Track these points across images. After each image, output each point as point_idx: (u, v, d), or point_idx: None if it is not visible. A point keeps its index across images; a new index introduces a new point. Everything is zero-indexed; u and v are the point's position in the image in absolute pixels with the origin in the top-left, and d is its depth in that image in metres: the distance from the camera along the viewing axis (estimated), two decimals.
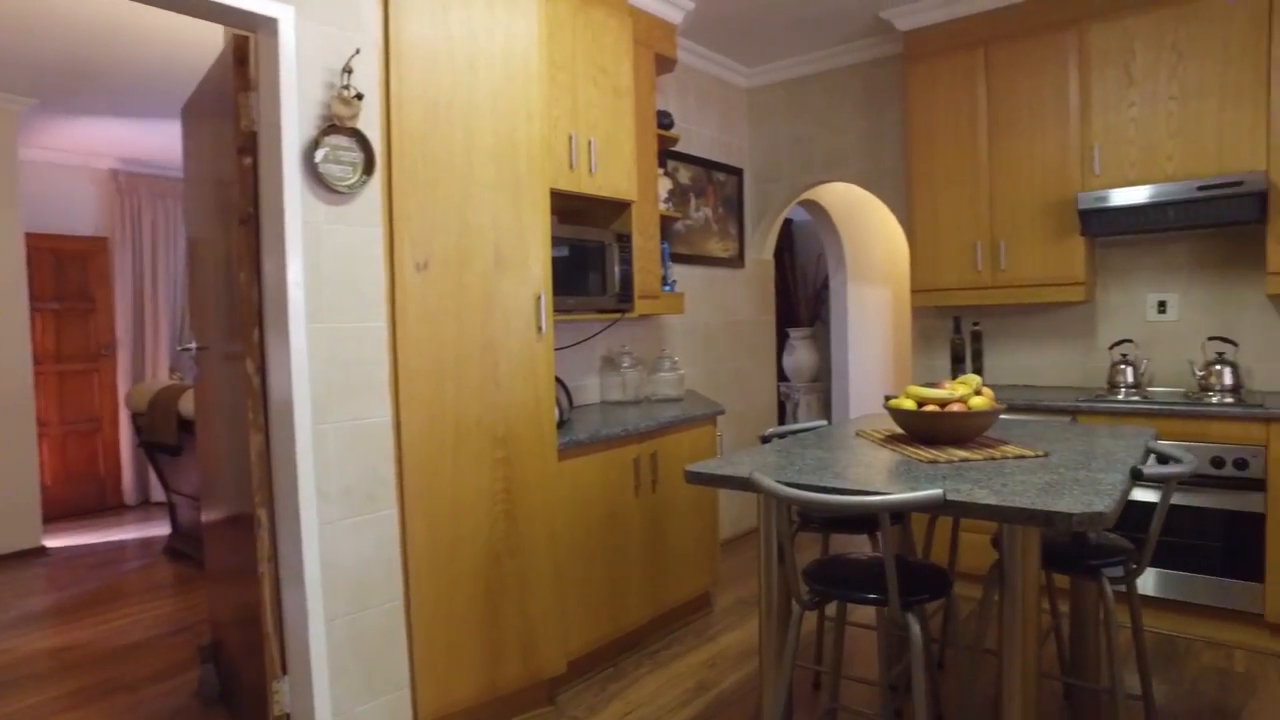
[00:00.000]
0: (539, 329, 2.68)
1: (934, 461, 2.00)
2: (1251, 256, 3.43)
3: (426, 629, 2.39)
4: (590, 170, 3.13)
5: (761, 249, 5.04)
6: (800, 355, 6.26)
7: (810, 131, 4.70)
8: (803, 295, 6.53)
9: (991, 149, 3.72)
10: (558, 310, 3.00)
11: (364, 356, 2.25)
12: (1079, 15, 3.48)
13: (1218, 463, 3.03)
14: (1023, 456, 2.02)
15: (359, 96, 2.17)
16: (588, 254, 3.15)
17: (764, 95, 4.89)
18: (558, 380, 3.07)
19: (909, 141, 3.96)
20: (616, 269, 3.27)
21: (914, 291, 3.99)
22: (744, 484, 1.90)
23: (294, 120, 2.06)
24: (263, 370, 2.23)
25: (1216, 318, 3.52)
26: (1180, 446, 2.16)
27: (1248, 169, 3.14)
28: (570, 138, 3.03)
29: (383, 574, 2.30)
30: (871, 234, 5.99)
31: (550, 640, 2.71)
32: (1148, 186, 3.27)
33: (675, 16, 3.77)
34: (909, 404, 2.24)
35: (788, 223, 6.72)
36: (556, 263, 2.98)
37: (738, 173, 4.84)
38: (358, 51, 2.18)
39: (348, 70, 2.15)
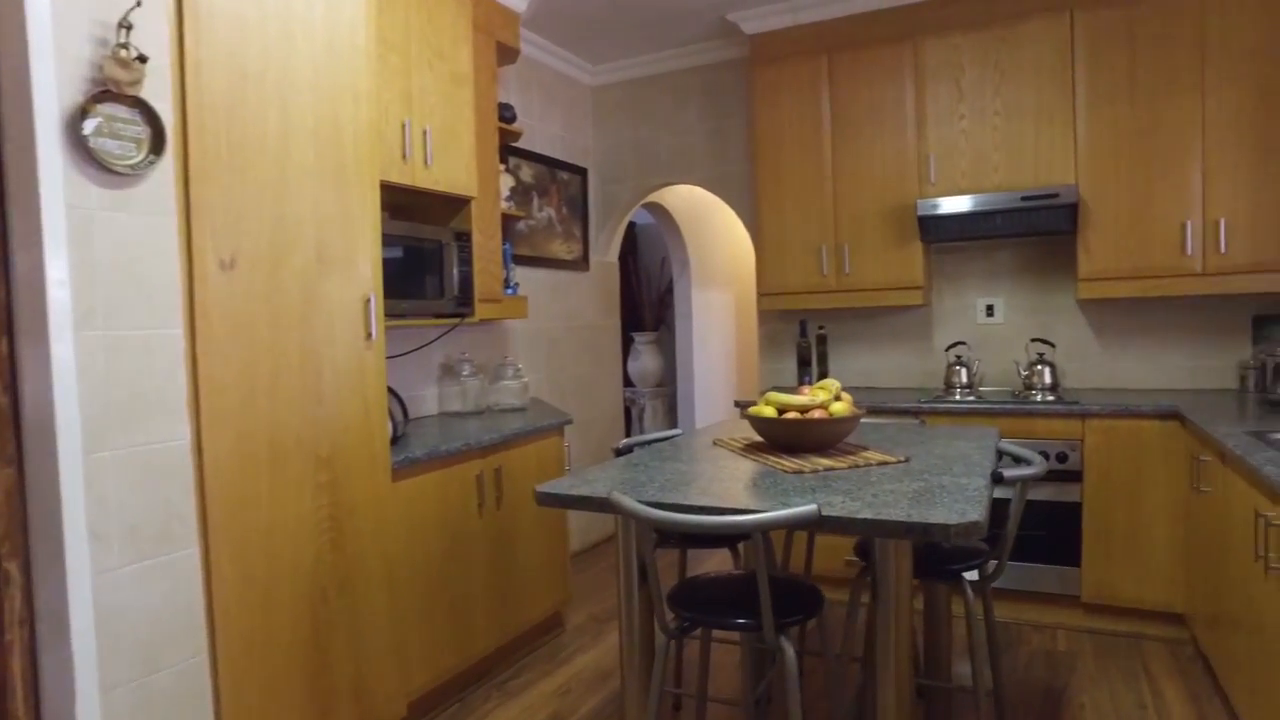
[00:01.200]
0: (368, 335, 2.39)
1: (799, 472, 1.92)
2: (1065, 264, 3.68)
3: (236, 685, 2.05)
4: (426, 162, 2.87)
5: (606, 251, 4.91)
6: (645, 360, 6.20)
7: (655, 132, 4.62)
8: (647, 299, 6.47)
9: (836, 155, 3.78)
10: (390, 314, 2.71)
11: (155, 369, 1.89)
12: (913, 30, 3.60)
13: (1043, 457, 3.20)
14: (885, 463, 1.99)
15: (142, 59, 1.81)
16: (423, 254, 2.88)
17: (609, 94, 4.77)
18: (391, 391, 2.78)
19: (755, 145, 3.96)
20: (455, 270, 3.02)
21: (760, 295, 3.99)
22: (603, 505, 1.74)
23: (50, 81, 1.68)
24: (13, 389, 1.82)
25: (1037, 320, 3.75)
26: (1015, 443, 2.23)
27: (1061, 182, 3.35)
28: (404, 125, 2.76)
29: (181, 625, 1.94)
30: (715, 237, 6.03)
31: (387, 681, 2.42)
32: (978, 195, 3.43)
33: (518, 5, 3.56)
34: (769, 411, 2.16)
35: (631, 225, 6.65)
36: (388, 263, 2.69)
37: (582, 172, 4.69)
38: (138, 3, 1.82)
39: (126, 26, 1.79)
